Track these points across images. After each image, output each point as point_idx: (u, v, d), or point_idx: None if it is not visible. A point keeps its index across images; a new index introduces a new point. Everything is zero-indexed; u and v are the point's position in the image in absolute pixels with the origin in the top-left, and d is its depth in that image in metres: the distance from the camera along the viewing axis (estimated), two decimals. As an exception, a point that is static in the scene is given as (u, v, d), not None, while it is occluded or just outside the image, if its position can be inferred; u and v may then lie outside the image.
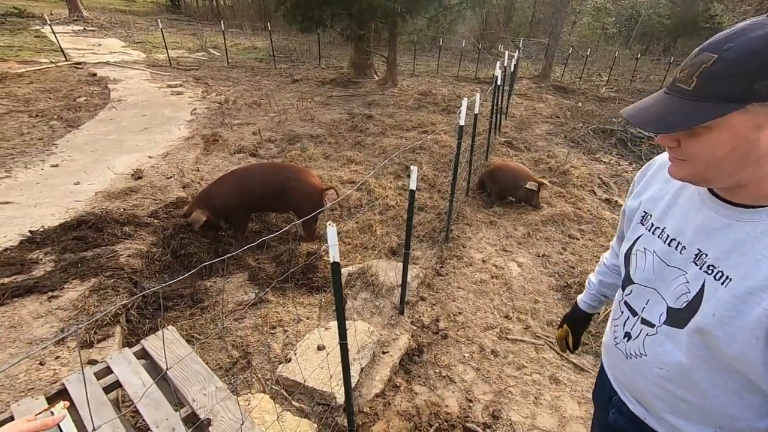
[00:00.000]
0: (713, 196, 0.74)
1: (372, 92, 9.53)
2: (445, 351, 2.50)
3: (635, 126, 0.75)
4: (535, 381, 2.31)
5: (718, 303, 0.68)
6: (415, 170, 2.37)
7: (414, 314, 2.78)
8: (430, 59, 15.12)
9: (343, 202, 4.23)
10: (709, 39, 0.62)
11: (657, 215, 0.83)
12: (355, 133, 6.50)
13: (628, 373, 0.89)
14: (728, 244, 0.69)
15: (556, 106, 10.20)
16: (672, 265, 0.78)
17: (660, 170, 0.88)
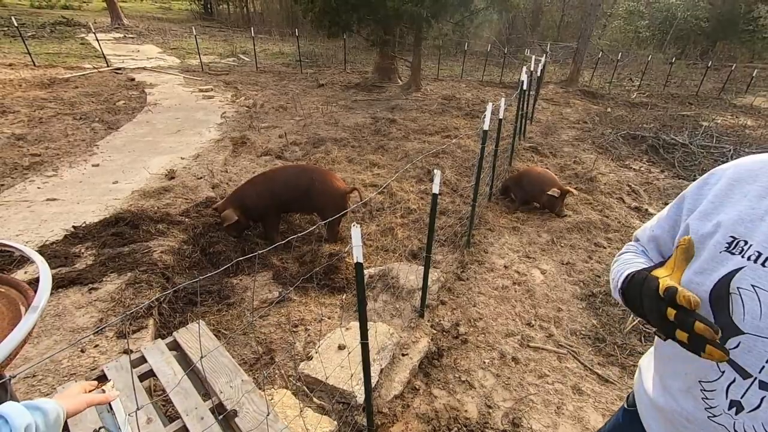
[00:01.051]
0: None
1: (396, 96, 9.60)
2: (464, 356, 2.50)
3: None
4: (557, 390, 2.27)
5: None
6: (438, 174, 2.38)
7: (434, 318, 2.78)
8: (454, 63, 15.08)
9: (366, 205, 4.28)
10: None
11: (760, 241, 0.65)
12: (378, 137, 6.56)
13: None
14: None
15: (584, 111, 9.96)
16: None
17: (737, 185, 0.72)
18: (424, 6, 6.98)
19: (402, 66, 11.31)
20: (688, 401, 0.74)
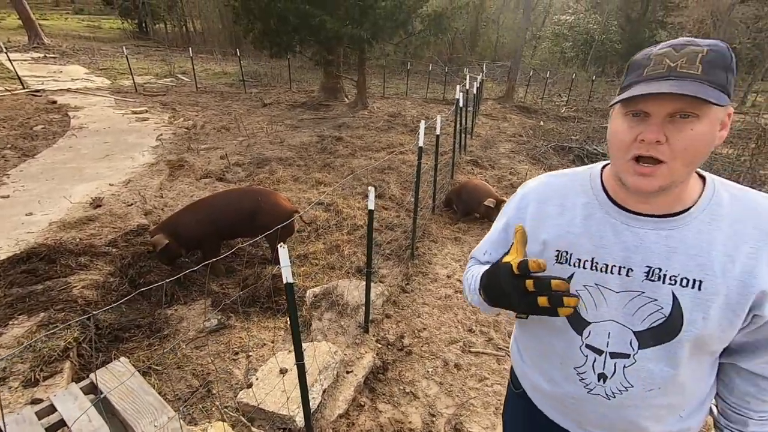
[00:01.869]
0: (625, 211, 0.77)
1: (342, 115, 9.72)
2: (409, 367, 2.53)
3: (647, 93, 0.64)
4: (495, 392, 2.36)
5: (705, 307, 0.71)
6: (372, 191, 2.44)
7: (379, 332, 2.80)
8: (399, 82, 15.61)
9: (311, 223, 4.25)
10: (675, 40, 0.68)
11: (581, 251, 0.79)
12: (324, 155, 6.59)
13: (608, 414, 0.84)
14: (675, 251, 0.72)
15: (520, 125, 10.69)
16: (630, 291, 0.76)
17: (543, 207, 0.86)
18: (363, 28, 7.21)
19: (348, 85, 11.52)
20: (570, 385, 0.87)
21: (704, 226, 0.72)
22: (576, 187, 0.85)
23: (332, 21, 7.15)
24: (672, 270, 0.73)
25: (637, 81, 0.68)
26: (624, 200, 0.78)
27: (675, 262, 0.73)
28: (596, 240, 0.79)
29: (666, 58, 0.66)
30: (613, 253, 0.77)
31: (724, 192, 0.75)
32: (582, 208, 0.82)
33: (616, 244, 0.77)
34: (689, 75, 0.63)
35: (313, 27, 7.30)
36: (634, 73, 0.70)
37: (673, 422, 0.83)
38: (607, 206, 0.80)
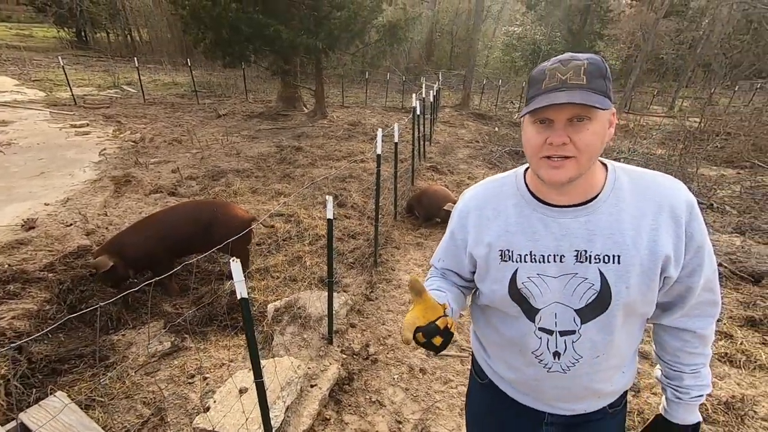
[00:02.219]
0: (547, 205, 0.87)
1: (302, 124, 9.62)
2: (375, 375, 2.51)
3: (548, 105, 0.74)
4: (460, 393, 2.39)
5: (626, 276, 0.82)
6: (330, 200, 2.42)
7: (344, 342, 2.76)
8: (359, 91, 15.72)
9: (271, 235, 4.15)
10: (561, 55, 0.79)
11: (519, 247, 0.88)
12: (284, 165, 6.47)
13: (567, 385, 0.92)
14: (595, 234, 0.84)
15: (476, 131, 11.08)
16: (564, 275, 0.85)
17: (482, 212, 0.95)
18: (319, 38, 7.21)
19: (306, 94, 11.44)
20: (531, 368, 0.95)
21: (612, 209, 0.84)
22: (505, 191, 0.94)
23: (287, 31, 7.08)
24: (595, 250, 0.83)
25: (538, 93, 0.78)
26: (546, 195, 0.88)
27: (596, 243, 0.83)
28: (530, 235, 0.88)
29: (558, 72, 0.77)
30: (546, 244, 0.87)
31: (624, 176, 0.87)
32: (514, 209, 0.91)
33: (546, 235, 0.87)
34: (578, 85, 0.75)
35: (267, 37, 7.20)
36: (535, 87, 0.80)
37: (619, 379, 0.95)
38: (534, 204, 0.89)
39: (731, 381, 2.41)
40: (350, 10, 7.49)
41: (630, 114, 15.27)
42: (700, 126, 11.26)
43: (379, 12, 8.39)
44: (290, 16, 7.60)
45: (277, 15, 7.38)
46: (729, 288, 3.52)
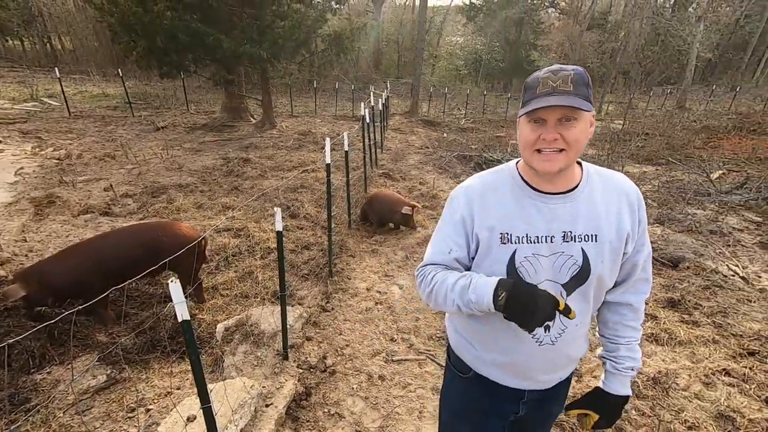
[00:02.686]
0: (540, 193, 1.02)
1: (249, 135, 9.34)
2: (333, 387, 2.47)
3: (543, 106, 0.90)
4: (419, 396, 2.43)
5: (602, 253, 1.00)
6: (278, 212, 2.38)
7: (300, 357, 2.70)
8: (308, 100, 15.58)
9: (219, 251, 3.97)
10: (551, 66, 0.94)
11: (517, 230, 1.00)
12: (231, 178, 6.24)
13: (553, 357, 1.07)
14: (577, 217, 1.00)
15: (426, 137, 11.39)
16: (554, 253, 1.00)
17: (485, 199, 1.05)
18: (263, 48, 7.07)
19: (253, 104, 11.13)
20: (524, 346, 1.06)
21: (588, 197, 1.02)
22: (502, 182, 1.07)
23: (229, 40, 6.87)
24: (578, 231, 1.00)
25: (533, 97, 0.93)
26: (538, 184, 1.03)
27: (579, 225, 1.00)
28: (526, 219, 1.01)
29: (549, 80, 0.92)
30: (539, 227, 1.00)
31: (594, 173, 1.06)
32: (511, 197, 1.04)
33: (539, 219, 1.01)
34: (566, 91, 0.90)
35: (207, 46, 6.93)
36: (530, 91, 0.95)
37: (584, 344, 1.14)
38: (528, 191, 1.03)
39: (657, 358, 2.67)
40: (294, 19, 7.42)
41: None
42: (623, 128, 12.44)
43: (324, 22, 8.41)
44: (231, 25, 7.37)
45: (217, 24, 7.14)
46: (653, 273, 3.89)
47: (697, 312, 3.19)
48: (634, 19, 17.07)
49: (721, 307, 3.27)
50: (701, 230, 4.94)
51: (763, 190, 6.11)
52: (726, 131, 11.78)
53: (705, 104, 16.23)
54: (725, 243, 4.65)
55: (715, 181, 6.85)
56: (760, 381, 2.43)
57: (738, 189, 6.42)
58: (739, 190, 6.37)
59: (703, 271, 3.93)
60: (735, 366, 2.55)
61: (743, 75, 21.98)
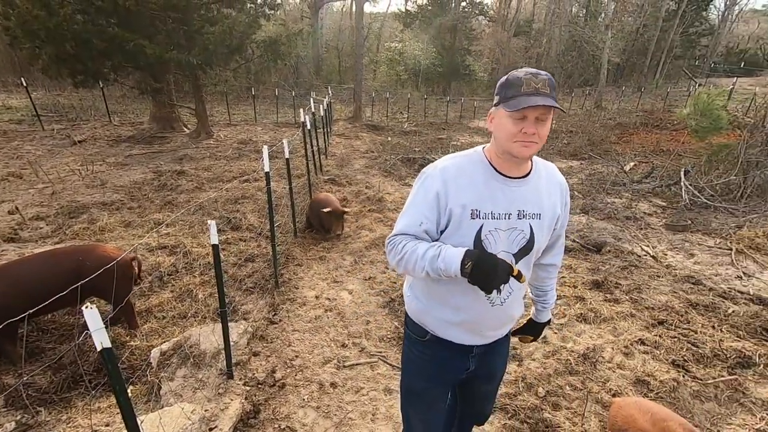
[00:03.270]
0: (504, 177, 1.17)
1: (183, 146, 8.80)
2: (284, 401, 2.40)
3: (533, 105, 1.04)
4: (371, 398, 2.43)
5: (542, 228, 1.22)
6: (213, 224, 2.27)
7: (246, 373, 2.59)
8: (247, 108, 15.05)
9: (152, 271, 3.69)
10: (528, 69, 1.09)
11: (485, 207, 1.16)
12: (164, 192, 5.84)
13: (500, 315, 1.27)
14: (529, 199, 1.19)
15: (370, 142, 11.50)
16: (510, 228, 1.18)
17: (458, 180, 1.17)
18: (192, 54, 6.70)
19: (186, 113, 10.52)
20: (478, 306, 1.24)
21: (536, 183, 1.21)
22: (474, 165, 1.20)
23: (153, 46, 6.42)
24: (529, 210, 1.19)
25: (518, 95, 1.06)
26: (504, 169, 1.18)
27: (529, 205, 1.19)
28: (493, 198, 1.17)
29: (532, 82, 1.06)
30: (502, 205, 1.17)
31: (540, 163, 1.27)
32: (482, 178, 1.18)
33: (503, 199, 1.17)
34: (547, 94, 1.06)
35: (128, 52, 6.42)
36: (513, 89, 1.07)
37: (522, 305, 1.37)
38: (495, 175, 1.18)
39: (586, 336, 2.92)
40: (224, 24, 7.12)
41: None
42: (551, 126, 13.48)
43: (257, 27, 8.16)
44: (155, 29, 6.89)
45: (138, 28, 6.64)
46: (580, 258, 4.26)
47: (618, 290, 3.54)
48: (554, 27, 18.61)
49: (636, 284, 3.66)
50: (618, 217, 5.49)
51: (666, 178, 6.94)
52: (635, 127, 13.23)
53: (617, 103, 18.11)
54: (638, 227, 5.22)
55: (628, 172, 7.66)
56: (668, 346, 2.75)
57: (646, 178, 7.24)
58: (647, 179, 7.18)
59: (621, 253, 4.37)
60: (648, 335, 2.86)
61: (646, 77, 24.87)
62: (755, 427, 2.14)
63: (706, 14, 28.85)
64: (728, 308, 3.22)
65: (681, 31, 24.77)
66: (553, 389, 2.43)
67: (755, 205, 5.73)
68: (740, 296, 3.49)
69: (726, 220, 5.37)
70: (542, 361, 2.68)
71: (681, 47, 27.11)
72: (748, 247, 4.43)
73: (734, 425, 2.17)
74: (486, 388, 1.52)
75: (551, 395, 2.39)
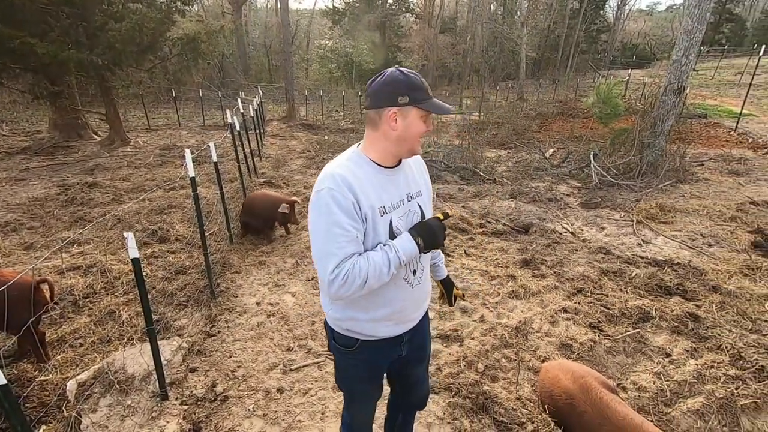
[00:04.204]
0: (387, 168, 1.26)
1: (95, 155, 7.94)
2: (227, 415, 2.29)
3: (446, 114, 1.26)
4: (321, 398, 2.41)
5: (426, 202, 1.38)
6: (130, 236, 2.09)
7: (183, 392, 2.43)
8: (170, 110, 13.96)
9: (65, 296, 3.30)
10: (409, 70, 1.19)
11: (386, 202, 1.24)
12: (73, 207, 5.23)
13: (419, 296, 1.36)
14: (409, 181, 1.33)
15: (307, 141, 11.28)
16: (406, 212, 1.30)
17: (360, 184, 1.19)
18: (95, 53, 6.03)
19: (96, 119, 9.47)
20: (401, 293, 1.30)
21: (408, 166, 1.35)
22: (362, 166, 1.24)
23: (45, 45, 5.65)
24: (412, 190, 1.33)
25: (428, 98, 1.18)
26: (384, 162, 1.26)
27: (412, 186, 1.33)
28: (387, 192, 1.25)
29: (426, 85, 1.19)
30: (395, 195, 1.27)
31: None
32: (374, 177, 1.23)
33: (393, 190, 1.27)
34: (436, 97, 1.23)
35: (14, 51, 5.60)
36: (421, 92, 1.17)
37: (429, 277, 1.46)
38: (380, 169, 1.25)
39: (518, 310, 3.16)
40: (132, 20, 6.49)
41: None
42: (479, 119, 14.26)
43: (171, 24, 7.55)
44: (47, 26, 6.08)
45: (25, 24, 5.81)
46: (510, 240, 4.58)
47: (544, 266, 3.87)
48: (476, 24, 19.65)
49: (559, 259, 4.03)
50: (542, 199, 5.98)
51: (579, 161, 7.69)
52: (553, 116, 14.47)
53: (537, 95, 19.66)
54: (559, 207, 5.74)
55: (548, 158, 8.37)
56: (585, 311, 3.08)
57: (563, 162, 7.97)
58: (564, 164, 7.91)
59: (546, 232, 4.77)
60: (570, 303, 3.18)
61: (559, 70, 27.28)
62: (653, 370, 2.47)
63: (603, 13, 32.38)
64: (632, 272, 3.67)
65: (584, 28, 27.51)
66: (491, 363, 2.60)
67: (649, 181, 6.59)
68: (641, 260, 4.00)
69: (628, 195, 6.10)
70: (480, 338, 2.85)
71: (585, 43, 30.14)
72: (645, 217, 5.09)
73: (639, 372, 2.50)
74: (418, 370, 1.58)
75: (489, 369, 2.55)
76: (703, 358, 2.56)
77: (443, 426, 2.16)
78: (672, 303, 3.17)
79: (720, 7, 29.64)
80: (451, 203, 5.89)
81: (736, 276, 3.65)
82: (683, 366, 2.50)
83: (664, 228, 4.86)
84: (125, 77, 7.94)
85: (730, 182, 6.60)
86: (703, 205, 5.49)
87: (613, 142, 7.71)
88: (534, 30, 23.16)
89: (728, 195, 5.99)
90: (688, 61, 6.56)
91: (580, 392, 1.91)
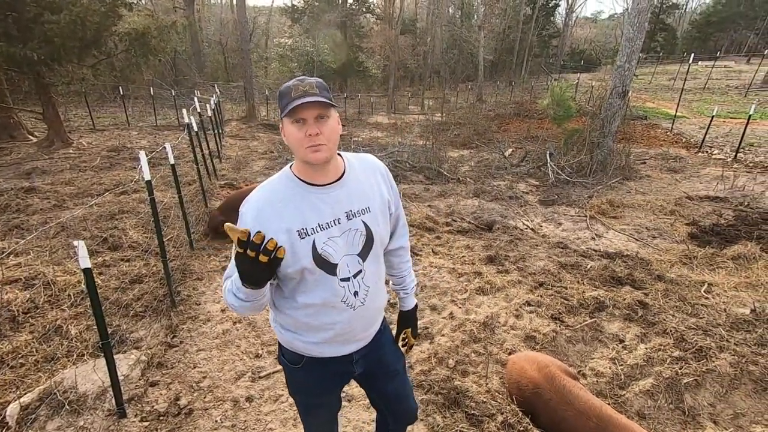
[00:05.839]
0: (319, 186, 1.16)
1: (31, 158, 7.28)
2: (192, 429, 2.18)
3: (301, 103, 1.05)
4: (292, 404, 2.36)
5: (377, 219, 1.23)
6: (81, 245, 1.94)
7: (144, 407, 2.28)
8: (117, 110, 13.08)
9: (1, 312, 3.00)
10: (296, 77, 1.11)
11: (310, 222, 1.14)
12: (7, 215, 4.77)
13: (365, 314, 1.25)
14: (352, 197, 1.19)
15: (269, 141, 10.99)
16: (345, 231, 1.17)
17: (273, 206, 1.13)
18: (29, 47, 5.51)
19: (31, 119, 8.67)
20: (342, 314, 1.21)
21: (355, 179, 1.22)
22: (283, 187, 1.17)
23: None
24: (356, 207, 1.20)
25: (289, 101, 1.07)
26: (315, 179, 1.16)
27: (355, 203, 1.20)
28: (314, 212, 1.15)
29: (300, 87, 1.08)
30: (326, 215, 1.16)
31: (353, 159, 1.27)
32: (297, 197, 1.15)
33: (324, 209, 1.16)
34: (314, 93, 1.08)
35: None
36: (285, 98, 1.09)
37: (384, 293, 1.35)
38: (309, 188, 1.16)
39: (485, 306, 3.26)
40: (73, 13, 5.98)
41: (396, 114, 18.30)
42: (442, 119, 14.57)
43: (117, 18, 7.05)
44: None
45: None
46: (475, 238, 4.72)
47: (507, 262, 4.02)
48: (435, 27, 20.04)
49: (521, 254, 4.20)
50: (503, 197, 6.22)
51: (536, 160, 8.07)
52: (510, 117, 15.07)
53: (495, 97, 20.38)
54: (519, 204, 5.99)
55: (508, 158, 8.71)
56: (547, 303, 3.23)
57: (522, 162, 8.32)
58: (522, 163, 8.26)
59: (508, 229, 4.96)
60: (532, 297, 3.32)
61: (515, 73, 28.47)
62: (609, 356, 2.65)
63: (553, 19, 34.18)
64: (587, 265, 3.91)
65: (537, 33, 28.90)
66: (461, 358, 2.66)
67: (599, 178, 7.04)
68: (595, 254, 4.26)
69: (581, 192, 6.49)
70: (450, 335, 2.91)
71: (538, 47, 31.67)
72: (597, 213, 5.43)
73: (596, 358, 2.66)
74: (393, 386, 1.45)
75: (460, 364, 2.61)
76: (651, 342, 2.77)
77: (417, 423, 2.18)
78: (623, 292, 3.41)
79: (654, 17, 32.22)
80: (418, 203, 5.97)
81: (677, 265, 3.99)
82: (635, 350, 2.69)
83: (614, 222, 5.21)
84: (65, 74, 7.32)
85: (668, 179, 7.20)
86: (647, 200, 5.95)
87: (566, 142, 8.16)
88: (491, 33, 24.00)
89: (667, 191, 6.54)
90: (630, 66, 7.07)
91: (545, 381, 2.00)
